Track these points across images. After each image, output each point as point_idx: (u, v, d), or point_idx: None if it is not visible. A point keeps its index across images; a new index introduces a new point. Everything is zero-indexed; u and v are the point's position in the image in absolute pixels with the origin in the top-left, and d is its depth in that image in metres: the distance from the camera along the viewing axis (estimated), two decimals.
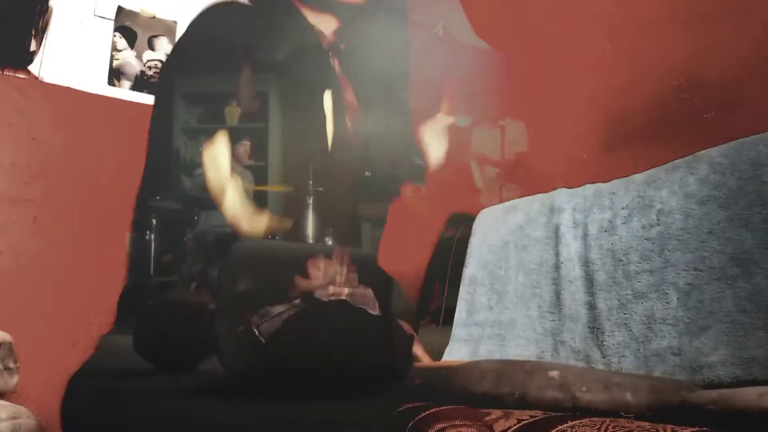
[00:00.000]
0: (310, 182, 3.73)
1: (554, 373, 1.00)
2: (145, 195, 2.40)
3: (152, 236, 3.94)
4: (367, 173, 2.06)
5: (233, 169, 1.20)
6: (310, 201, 3.75)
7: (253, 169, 4.25)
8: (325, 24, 1.42)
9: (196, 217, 4.07)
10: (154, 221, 4.00)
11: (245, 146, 4.11)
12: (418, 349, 1.59)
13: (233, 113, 3.65)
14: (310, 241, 3.83)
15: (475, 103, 1.97)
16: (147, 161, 1.98)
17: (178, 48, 1.41)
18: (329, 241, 3.92)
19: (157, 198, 4.13)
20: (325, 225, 3.71)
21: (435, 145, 1.83)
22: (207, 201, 4.01)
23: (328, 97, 1.32)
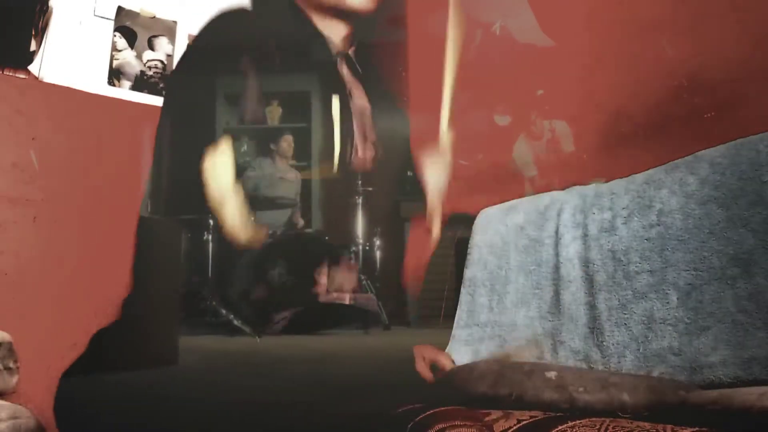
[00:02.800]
0: (359, 182, 3.73)
1: (551, 374, 1.00)
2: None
3: (210, 237, 3.95)
4: (409, 173, 2.03)
5: (236, 178, 1.17)
6: (359, 201, 3.75)
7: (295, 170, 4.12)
8: (334, 31, 1.42)
9: (252, 218, 4.12)
10: (210, 222, 4.00)
11: (288, 141, 4.05)
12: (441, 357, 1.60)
13: (274, 113, 3.61)
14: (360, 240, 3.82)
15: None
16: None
17: (192, 51, 1.40)
18: (377, 241, 3.93)
19: None
20: (373, 225, 3.71)
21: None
22: (262, 202, 4.06)
23: (336, 103, 1.31)
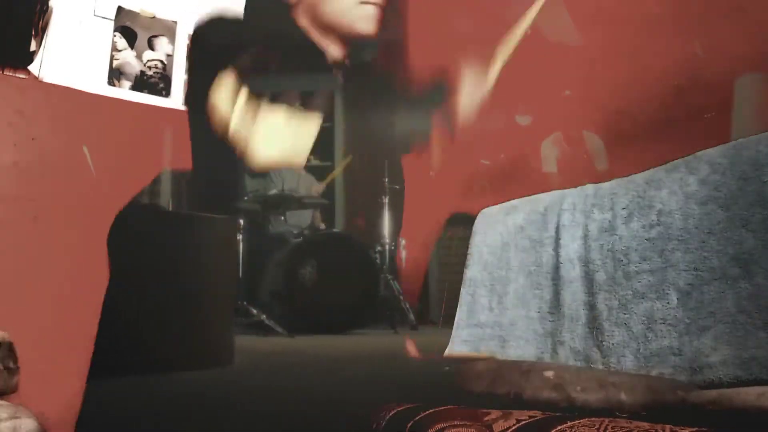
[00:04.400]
0: (386, 180, 3.67)
1: (549, 374, 1.00)
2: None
3: (240, 237, 3.84)
4: (431, 173, 1.99)
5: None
6: (386, 200, 3.71)
7: (318, 169, 4.11)
8: (331, 46, 1.39)
9: (282, 217, 4.12)
10: (241, 222, 3.91)
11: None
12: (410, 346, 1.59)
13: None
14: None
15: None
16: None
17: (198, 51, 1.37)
18: (403, 241, 3.88)
19: (245, 198, 4.12)
20: (399, 223, 3.66)
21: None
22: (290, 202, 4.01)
23: (338, 102, 1.31)
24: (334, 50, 1.35)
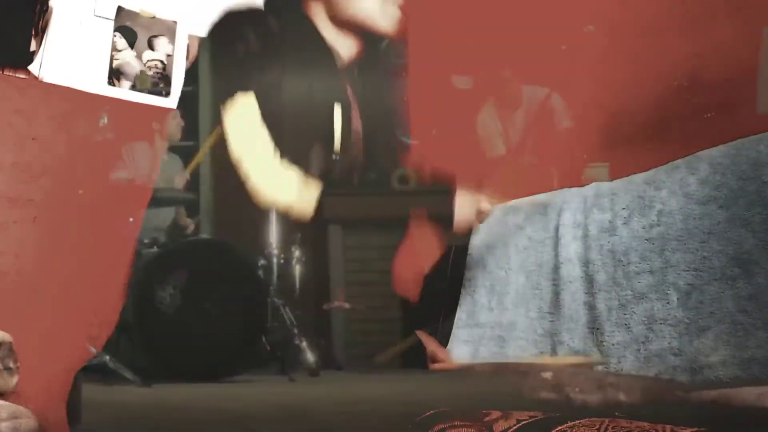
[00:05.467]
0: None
1: (547, 374, 1.00)
2: None
3: None
4: (335, 156, 1.59)
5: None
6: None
7: (183, 149, 3.36)
8: (343, 45, 1.32)
9: (131, 219, 3.67)
10: None
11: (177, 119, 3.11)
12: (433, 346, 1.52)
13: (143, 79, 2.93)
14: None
15: None
16: None
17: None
18: (296, 251, 2.97)
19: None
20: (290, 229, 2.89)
21: None
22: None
23: (338, 110, 1.26)
24: (345, 49, 1.29)
